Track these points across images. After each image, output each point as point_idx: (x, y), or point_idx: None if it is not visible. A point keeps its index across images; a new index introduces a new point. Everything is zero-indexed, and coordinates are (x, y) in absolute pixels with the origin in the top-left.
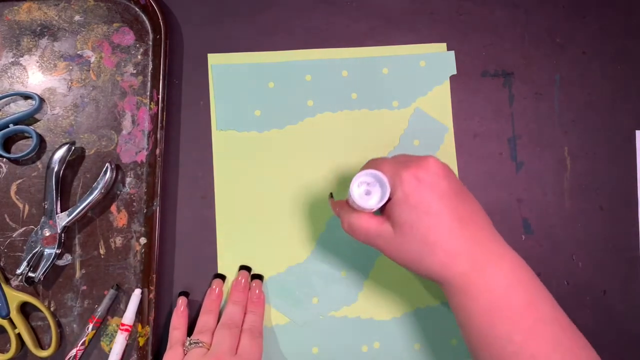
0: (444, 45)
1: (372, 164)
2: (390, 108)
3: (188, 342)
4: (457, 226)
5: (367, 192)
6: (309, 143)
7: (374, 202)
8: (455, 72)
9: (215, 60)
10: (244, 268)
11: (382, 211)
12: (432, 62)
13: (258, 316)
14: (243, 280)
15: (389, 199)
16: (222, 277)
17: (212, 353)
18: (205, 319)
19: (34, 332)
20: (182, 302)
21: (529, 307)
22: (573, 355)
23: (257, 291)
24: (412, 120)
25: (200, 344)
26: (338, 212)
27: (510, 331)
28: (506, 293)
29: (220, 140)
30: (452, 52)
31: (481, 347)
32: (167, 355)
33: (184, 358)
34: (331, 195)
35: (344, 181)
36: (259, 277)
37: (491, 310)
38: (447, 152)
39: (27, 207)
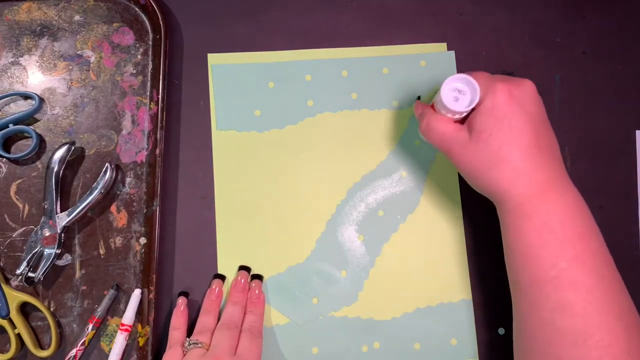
0: (444, 45)
1: (466, 73)
2: (390, 108)
3: (187, 343)
4: (533, 150)
5: (455, 99)
6: (309, 143)
7: (461, 105)
8: (455, 72)
9: (215, 60)
10: (244, 268)
11: (463, 122)
12: (433, 62)
13: (258, 316)
14: (242, 281)
15: (474, 109)
16: (222, 277)
17: (211, 353)
18: (204, 320)
19: (34, 332)
20: (181, 302)
21: (580, 238)
22: (612, 292)
23: (256, 291)
24: (412, 120)
25: (200, 345)
26: (420, 113)
27: (557, 256)
28: (561, 220)
29: (220, 140)
30: (453, 52)
31: (523, 269)
32: (167, 356)
33: (184, 358)
34: (419, 97)
35: (343, 182)
36: (259, 277)
37: (542, 232)
38: None
39: (27, 207)
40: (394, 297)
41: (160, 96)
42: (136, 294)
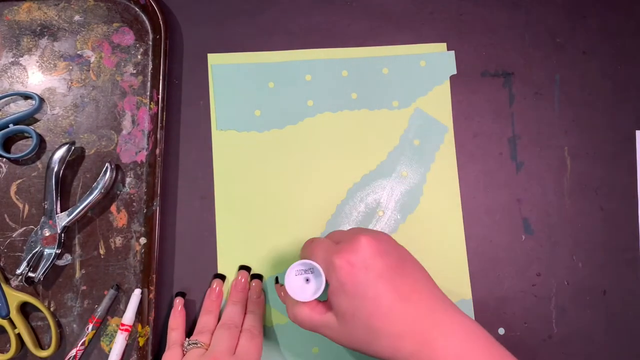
0: (444, 45)
1: (308, 248)
2: (390, 108)
3: (187, 343)
4: (399, 306)
5: (307, 280)
6: (309, 143)
7: (309, 294)
8: (455, 72)
9: (215, 60)
10: (244, 268)
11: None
12: (432, 62)
13: (258, 316)
14: (243, 280)
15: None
16: (222, 277)
17: (210, 353)
18: (205, 320)
19: (34, 332)
20: (178, 302)
21: None
22: None
23: (256, 291)
24: (412, 120)
25: (199, 345)
26: (283, 299)
27: None
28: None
29: (220, 140)
30: (452, 52)
31: None
32: (166, 356)
33: (183, 359)
34: (277, 280)
35: (343, 182)
36: (259, 277)
37: None
38: (447, 152)
39: (27, 207)
40: None
41: (160, 96)
42: (136, 294)
